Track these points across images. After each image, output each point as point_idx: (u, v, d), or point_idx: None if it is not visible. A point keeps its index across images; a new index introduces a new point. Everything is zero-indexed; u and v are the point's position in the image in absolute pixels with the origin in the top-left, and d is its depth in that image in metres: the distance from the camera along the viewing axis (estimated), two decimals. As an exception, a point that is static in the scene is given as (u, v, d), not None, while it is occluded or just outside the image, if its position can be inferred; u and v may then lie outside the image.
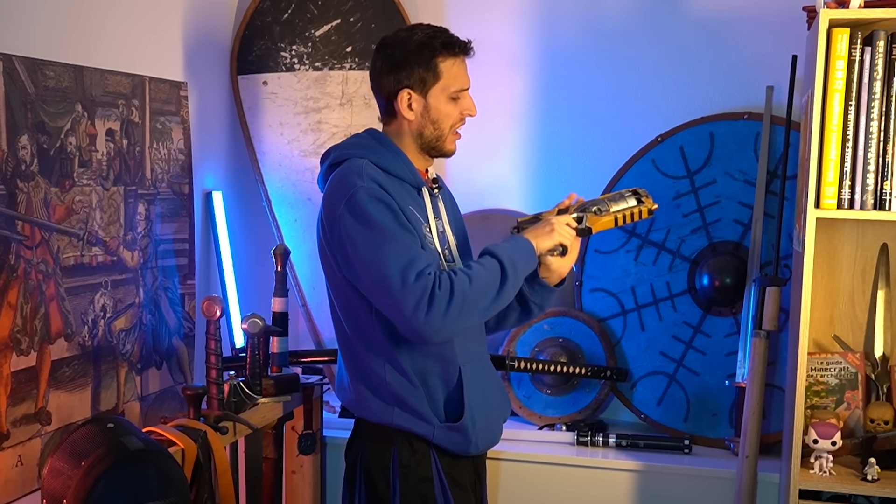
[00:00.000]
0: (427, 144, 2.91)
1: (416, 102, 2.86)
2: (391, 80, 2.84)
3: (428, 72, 2.84)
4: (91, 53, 3.11)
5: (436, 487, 2.87)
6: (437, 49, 2.83)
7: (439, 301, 2.61)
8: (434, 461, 2.87)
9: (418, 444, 2.85)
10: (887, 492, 3.10)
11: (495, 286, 2.72)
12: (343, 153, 2.85)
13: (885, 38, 3.00)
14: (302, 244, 4.04)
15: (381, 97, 2.90)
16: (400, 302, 2.62)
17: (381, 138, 2.90)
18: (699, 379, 3.84)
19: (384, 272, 2.64)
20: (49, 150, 2.90)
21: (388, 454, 2.85)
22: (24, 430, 2.84)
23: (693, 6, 3.93)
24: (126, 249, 3.27)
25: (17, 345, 2.80)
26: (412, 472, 2.85)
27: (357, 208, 2.68)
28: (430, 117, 2.88)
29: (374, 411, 2.85)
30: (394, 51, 2.84)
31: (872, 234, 3.50)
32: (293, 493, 3.72)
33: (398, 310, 2.63)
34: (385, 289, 2.64)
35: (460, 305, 2.64)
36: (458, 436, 2.87)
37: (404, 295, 2.61)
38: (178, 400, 3.53)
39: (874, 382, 3.43)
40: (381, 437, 2.86)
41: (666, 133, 3.89)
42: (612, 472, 3.67)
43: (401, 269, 2.62)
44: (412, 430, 2.83)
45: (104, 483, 2.39)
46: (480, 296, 2.69)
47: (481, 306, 2.71)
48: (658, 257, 3.89)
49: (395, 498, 2.84)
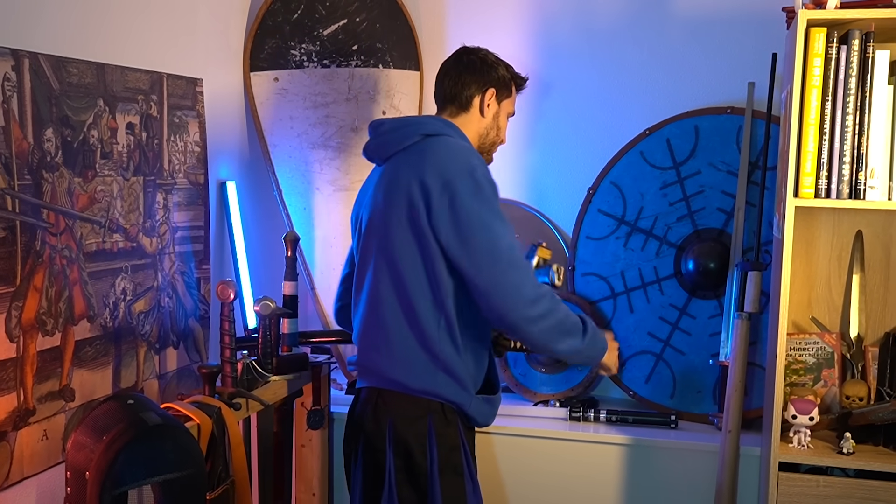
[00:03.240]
0: (483, 146, 3.07)
1: (493, 105, 3.05)
2: (480, 78, 3.02)
3: (506, 86, 3.07)
4: (112, 51, 3.10)
5: (462, 455, 2.91)
6: (512, 76, 3.10)
7: (544, 289, 2.78)
8: (460, 430, 2.92)
9: (451, 414, 2.89)
10: (861, 464, 3.11)
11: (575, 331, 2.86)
12: (437, 128, 2.92)
13: (860, 38, 3.00)
14: (311, 231, 4.04)
15: (464, 91, 3.03)
16: (519, 280, 2.74)
17: (455, 126, 2.99)
18: (685, 358, 3.84)
19: (500, 245, 2.75)
20: (73, 142, 2.90)
21: (424, 424, 2.86)
22: (49, 407, 2.84)
23: (679, 8, 3.93)
24: (145, 236, 3.26)
25: (43, 326, 2.80)
26: (446, 440, 2.87)
27: (479, 182, 2.77)
28: (497, 123, 3.08)
29: (417, 375, 2.85)
30: (485, 57, 3.06)
31: (848, 221, 3.50)
32: (302, 465, 3.72)
33: (514, 286, 2.74)
34: (497, 260, 2.74)
35: (555, 308, 2.80)
36: (489, 408, 2.99)
37: (515, 265, 2.75)
38: (194, 378, 3.53)
39: (849, 361, 3.43)
40: (416, 407, 2.87)
41: (653, 126, 3.88)
42: (603, 445, 3.67)
43: (516, 250, 2.78)
44: (451, 398, 2.87)
45: (124, 456, 2.39)
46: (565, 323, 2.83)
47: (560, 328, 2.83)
48: (646, 243, 3.89)
49: (433, 466, 2.84)
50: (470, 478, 2.93)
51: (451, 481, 2.87)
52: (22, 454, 2.73)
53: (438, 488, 2.84)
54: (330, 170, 4.01)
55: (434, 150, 2.82)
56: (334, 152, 4.01)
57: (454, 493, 2.87)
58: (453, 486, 2.87)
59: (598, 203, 3.95)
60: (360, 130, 4.03)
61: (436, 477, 2.84)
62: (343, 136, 4.01)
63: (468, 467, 2.93)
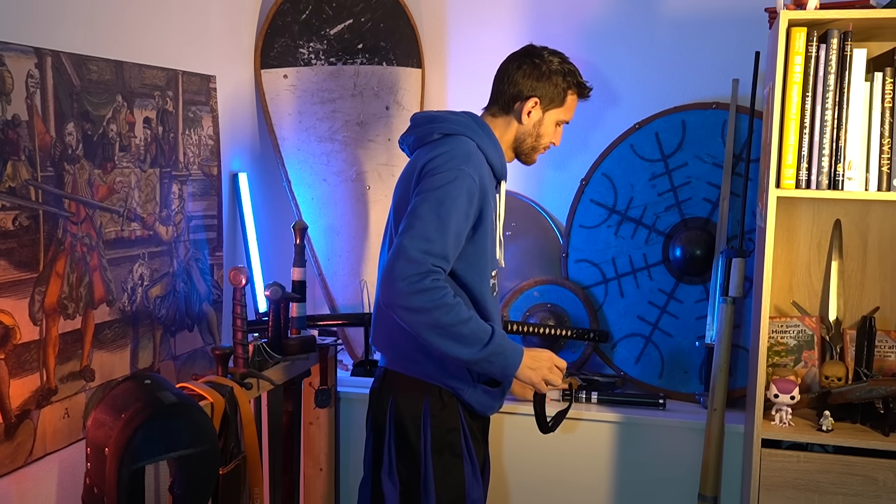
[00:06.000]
0: (520, 149, 2.99)
1: (536, 114, 2.93)
2: (528, 84, 2.91)
3: (557, 96, 2.94)
4: (130, 50, 3.10)
5: (461, 437, 2.86)
6: (572, 85, 2.95)
7: (433, 290, 2.56)
8: (460, 413, 2.87)
9: (449, 397, 2.84)
10: (840, 440, 3.12)
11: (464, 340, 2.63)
12: (456, 127, 2.83)
13: (839, 37, 3.00)
14: (318, 220, 4.04)
15: (509, 93, 2.94)
16: (403, 259, 2.56)
17: (484, 126, 2.91)
18: (672, 340, 3.84)
19: (416, 233, 2.58)
20: (93, 136, 2.90)
21: (420, 405, 2.83)
22: (70, 386, 2.84)
23: (667, 8, 3.92)
24: (161, 225, 3.26)
25: (65, 310, 2.80)
26: (441, 422, 2.83)
27: (452, 186, 2.65)
28: (538, 131, 2.96)
29: (414, 359, 2.82)
30: (543, 64, 2.92)
31: (827, 211, 3.50)
32: (310, 441, 3.73)
33: (396, 272, 2.56)
34: (398, 249, 2.58)
35: (435, 309, 2.57)
36: (487, 398, 2.91)
37: (410, 258, 2.56)
38: (208, 359, 3.54)
39: (828, 343, 3.44)
40: (414, 388, 2.84)
41: (643, 121, 3.88)
42: (595, 423, 3.67)
43: (424, 248, 2.57)
44: (447, 383, 2.83)
45: (142, 433, 2.39)
46: (449, 329, 2.60)
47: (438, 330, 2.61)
48: (636, 232, 3.89)
49: (427, 446, 2.82)
50: (469, 460, 2.89)
51: (448, 461, 2.84)
52: (45, 431, 2.73)
53: (431, 467, 2.82)
54: (336, 162, 4.01)
55: (441, 150, 2.74)
56: (340, 145, 4.00)
57: (450, 473, 2.84)
58: (449, 467, 2.85)
59: (591, 193, 3.95)
60: (365, 125, 4.02)
61: (429, 456, 2.82)
62: (349, 130, 4.01)
63: (468, 450, 2.88)
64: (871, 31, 3.15)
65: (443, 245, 2.61)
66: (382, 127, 4.05)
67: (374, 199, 4.05)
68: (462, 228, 2.67)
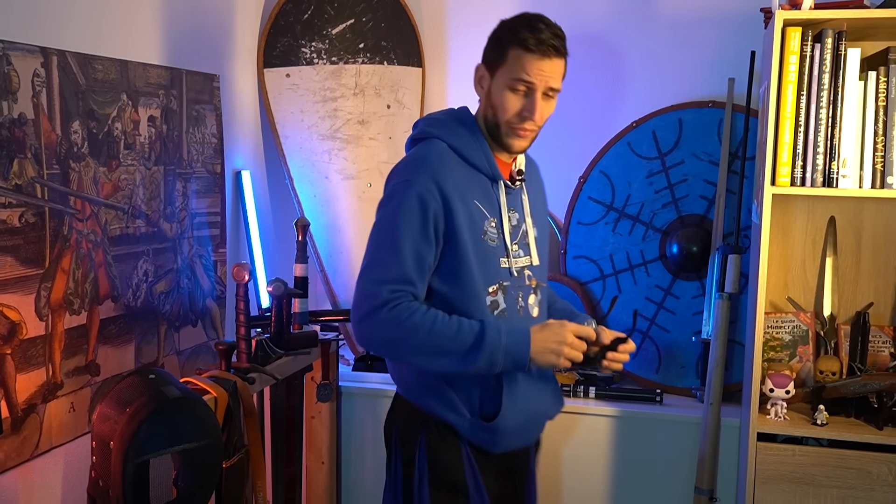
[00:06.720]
0: (489, 131, 2.56)
1: (485, 80, 2.56)
2: (483, 54, 2.58)
3: (498, 54, 2.52)
4: (135, 49, 3.10)
5: (466, 474, 2.56)
6: (512, 38, 2.50)
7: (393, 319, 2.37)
8: (465, 449, 2.57)
9: (446, 431, 2.56)
10: (834, 434, 3.12)
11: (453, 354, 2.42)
12: (426, 131, 2.58)
13: (833, 36, 3.00)
14: (320, 217, 4.04)
15: None
16: (359, 296, 2.42)
17: (466, 120, 2.59)
18: (669, 335, 3.84)
19: (368, 262, 2.45)
20: (98, 134, 2.90)
21: (417, 435, 2.58)
22: (76, 381, 2.85)
23: (664, 8, 3.92)
24: (165, 221, 3.27)
25: (70, 305, 2.80)
26: (440, 456, 2.56)
27: (400, 199, 2.43)
28: (491, 101, 2.53)
29: (409, 387, 2.63)
30: (501, 24, 2.58)
31: (821, 208, 3.50)
32: (312, 435, 3.73)
33: (355, 301, 2.43)
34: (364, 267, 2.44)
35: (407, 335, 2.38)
36: (486, 435, 2.55)
37: (364, 293, 2.41)
38: (212, 354, 3.54)
39: (823, 338, 3.44)
40: (413, 415, 2.60)
41: (640, 119, 3.88)
42: (594, 417, 3.68)
43: (377, 277, 2.41)
44: (442, 416, 2.55)
45: (146, 427, 2.39)
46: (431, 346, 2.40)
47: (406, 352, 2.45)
48: (633, 228, 3.89)
49: (423, 478, 2.56)
50: (479, 497, 2.57)
51: (447, 498, 2.56)
52: (51, 425, 2.74)
53: (428, 502, 2.56)
54: (338, 160, 4.01)
55: (403, 160, 2.55)
56: (342, 143, 4.00)
57: None
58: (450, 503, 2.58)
59: (589, 191, 3.95)
60: (366, 123, 4.02)
61: (425, 490, 2.55)
62: (350, 129, 4.01)
63: (476, 487, 2.57)
64: (865, 31, 3.15)
65: (399, 267, 2.41)
66: (383, 125, 4.05)
67: (375, 196, 4.04)
68: (419, 243, 2.42)
